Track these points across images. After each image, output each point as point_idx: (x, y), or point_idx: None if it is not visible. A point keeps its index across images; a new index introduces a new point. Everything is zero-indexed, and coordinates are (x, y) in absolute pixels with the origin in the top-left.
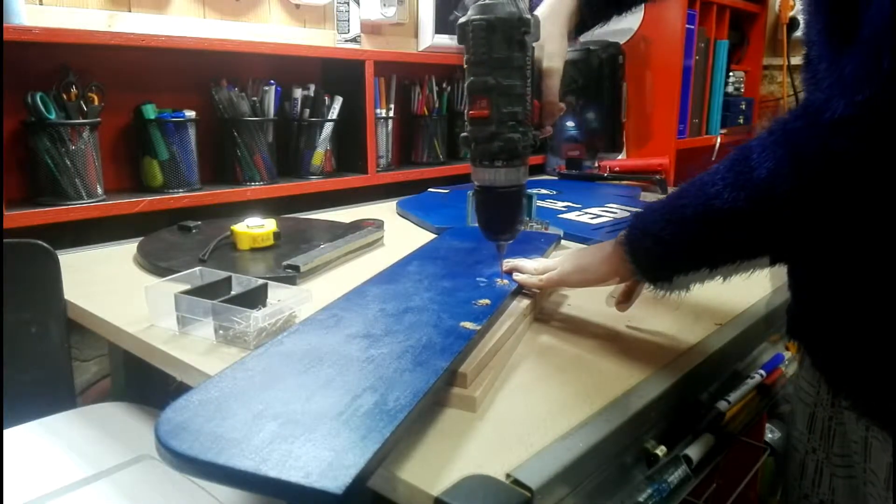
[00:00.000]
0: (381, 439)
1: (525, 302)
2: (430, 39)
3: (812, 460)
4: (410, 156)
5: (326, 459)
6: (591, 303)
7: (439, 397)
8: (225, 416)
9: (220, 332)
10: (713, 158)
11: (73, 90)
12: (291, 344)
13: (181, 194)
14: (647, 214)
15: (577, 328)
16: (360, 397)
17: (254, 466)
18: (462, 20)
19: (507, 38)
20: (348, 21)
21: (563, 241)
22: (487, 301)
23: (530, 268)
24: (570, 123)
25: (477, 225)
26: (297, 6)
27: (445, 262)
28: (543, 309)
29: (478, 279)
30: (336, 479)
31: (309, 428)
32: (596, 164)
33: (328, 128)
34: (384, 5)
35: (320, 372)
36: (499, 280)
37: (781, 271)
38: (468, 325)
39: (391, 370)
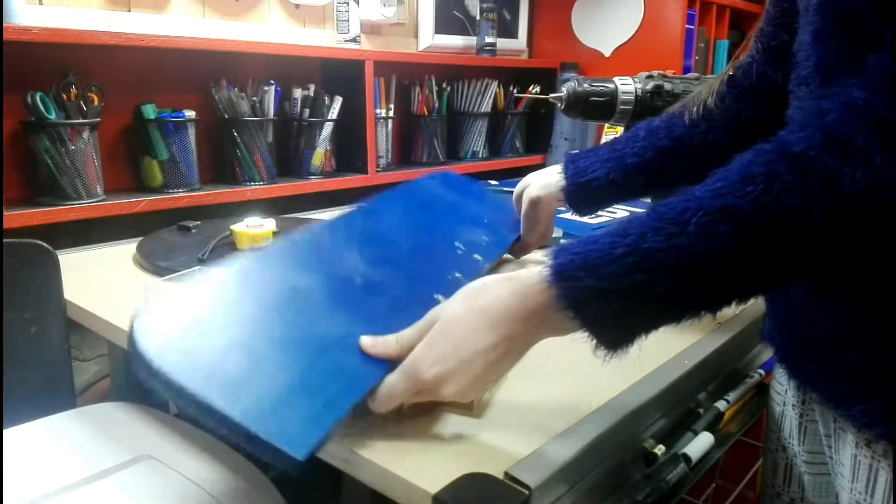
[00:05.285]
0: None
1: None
2: (429, 39)
3: (782, 458)
4: (410, 156)
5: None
6: None
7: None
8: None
9: None
10: None
11: (73, 90)
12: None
13: (181, 194)
14: (600, 246)
15: None
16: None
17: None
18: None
19: None
20: (348, 21)
21: (561, 240)
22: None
23: (389, 351)
24: None
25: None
26: (297, 6)
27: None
28: None
29: (456, 244)
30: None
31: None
32: None
33: (328, 128)
34: (384, 5)
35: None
36: (475, 255)
37: None
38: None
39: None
